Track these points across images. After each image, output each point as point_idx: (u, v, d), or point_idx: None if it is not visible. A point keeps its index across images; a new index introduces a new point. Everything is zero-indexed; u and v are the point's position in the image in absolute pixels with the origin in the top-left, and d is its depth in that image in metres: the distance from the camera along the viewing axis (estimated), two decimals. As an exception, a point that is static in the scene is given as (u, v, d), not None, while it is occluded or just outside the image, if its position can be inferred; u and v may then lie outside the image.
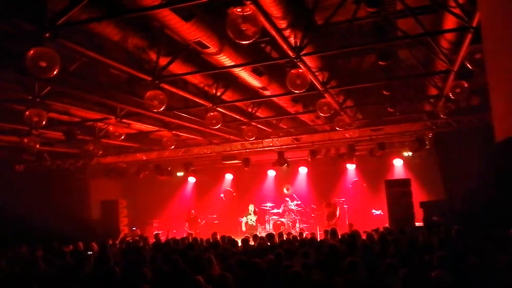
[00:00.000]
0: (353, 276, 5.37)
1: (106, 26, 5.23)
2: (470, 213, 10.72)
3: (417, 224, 11.88)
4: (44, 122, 7.65)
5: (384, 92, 9.10)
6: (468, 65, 6.03)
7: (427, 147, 13.38)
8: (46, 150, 12.76)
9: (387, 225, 11.96)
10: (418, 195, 12.87)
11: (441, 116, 9.86)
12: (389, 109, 10.63)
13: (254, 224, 16.00)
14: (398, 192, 12.38)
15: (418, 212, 12.28)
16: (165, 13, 4.90)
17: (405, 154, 15.28)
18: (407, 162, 15.90)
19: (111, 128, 10.39)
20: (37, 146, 9.65)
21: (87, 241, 11.53)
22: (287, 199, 17.27)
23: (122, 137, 10.57)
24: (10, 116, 8.79)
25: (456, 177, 12.13)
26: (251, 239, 10.77)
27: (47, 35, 4.58)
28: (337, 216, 15.80)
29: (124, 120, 9.80)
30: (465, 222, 9.29)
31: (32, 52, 4.57)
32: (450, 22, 5.78)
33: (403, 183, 12.63)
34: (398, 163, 16.56)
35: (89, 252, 9.72)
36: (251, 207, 16.54)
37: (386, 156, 15.04)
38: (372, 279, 6.05)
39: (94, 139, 11.44)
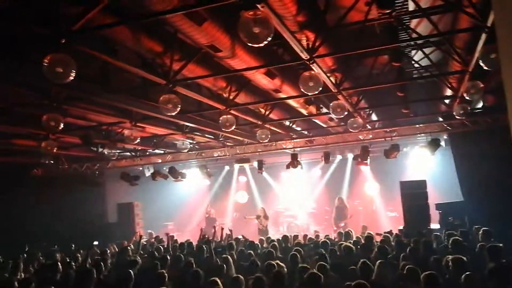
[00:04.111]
0: (368, 279, 5.35)
1: (120, 31, 5.30)
2: (486, 214, 10.58)
3: (433, 226, 11.76)
4: (60, 127, 7.77)
5: (398, 93, 9.04)
6: (483, 65, 5.95)
7: (442, 148, 13.23)
8: (63, 154, 12.95)
9: (401, 227, 11.86)
10: (434, 196, 12.72)
11: (456, 117, 9.74)
12: (403, 110, 10.56)
13: (264, 228, 15.93)
14: (413, 194, 12.25)
15: (434, 214, 12.16)
16: (178, 17, 4.94)
17: (420, 155, 15.10)
18: (423, 163, 15.74)
19: (126, 132, 10.50)
20: (54, 150, 9.80)
21: (104, 244, 11.71)
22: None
23: (137, 141, 10.67)
24: (27, 121, 8.95)
25: (472, 178, 11.97)
26: (264, 241, 10.79)
27: (63, 41, 4.66)
28: (348, 217, 15.66)
29: (139, 124, 9.91)
30: (482, 224, 9.19)
31: (48, 58, 4.65)
32: (464, 22, 5.72)
33: (419, 185, 12.49)
34: (413, 164, 16.42)
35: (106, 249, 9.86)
36: (261, 211, 16.45)
37: (401, 158, 14.91)
38: (387, 282, 6.03)
39: (110, 142, 11.58)
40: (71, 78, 4.83)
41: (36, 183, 13.80)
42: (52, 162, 13.28)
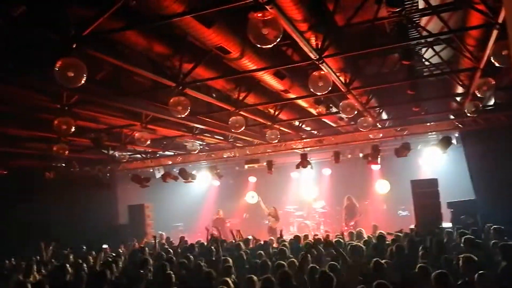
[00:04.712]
0: (381, 279, 5.32)
1: (130, 35, 5.34)
2: (499, 212, 10.48)
3: (445, 224, 11.66)
4: (72, 130, 7.83)
5: (409, 92, 8.99)
6: (495, 62, 5.89)
7: (454, 146, 13.12)
8: (74, 157, 13.07)
9: (413, 226, 11.77)
10: (446, 195, 12.62)
11: (468, 114, 9.65)
12: (414, 108, 10.49)
13: (273, 228, 15.90)
14: (425, 192, 12.15)
15: (446, 213, 12.06)
16: (187, 20, 4.96)
17: (432, 153, 14.99)
18: (434, 161, 15.62)
19: (137, 134, 10.57)
20: (66, 153, 9.89)
21: (117, 245, 11.79)
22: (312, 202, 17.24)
23: (148, 143, 10.73)
24: (39, 125, 9.05)
25: (484, 176, 11.86)
26: (274, 241, 10.78)
27: (74, 45, 4.70)
28: (357, 216, 15.59)
29: (149, 126, 9.96)
30: (494, 222, 9.10)
31: (60, 63, 4.69)
32: (474, 19, 5.67)
33: (430, 183, 12.39)
34: (424, 163, 16.29)
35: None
36: (271, 209, 16.47)
37: (412, 156, 14.80)
38: (401, 282, 5.99)
39: (120, 145, 11.66)
40: (82, 82, 4.87)
41: (48, 186, 13.93)
42: (64, 165, 13.40)
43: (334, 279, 5.39)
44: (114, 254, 10.35)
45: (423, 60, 8.64)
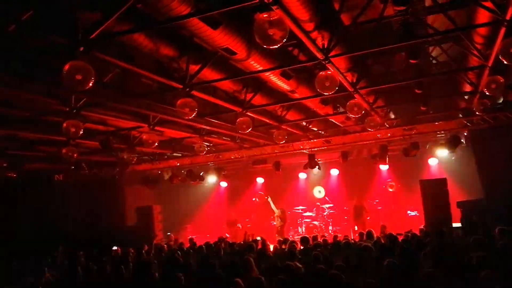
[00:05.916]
0: (390, 279, 5.30)
1: (137, 37, 5.37)
2: (509, 211, 10.37)
3: (454, 224, 11.57)
4: (81, 133, 7.89)
5: (416, 91, 8.94)
6: (503, 60, 5.84)
7: (463, 145, 13.02)
8: (83, 159, 13.15)
9: (422, 226, 11.69)
10: (455, 194, 12.51)
11: (477, 113, 9.57)
12: (421, 107, 10.43)
13: (279, 229, 15.84)
14: (434, 192, 12.05)
15: (455, 213, 11.96)
16: (194, 22, 4.98)
17: (440, 153, 14.88)
18: (443, 161, 15.51)
19: (145, 136, 10.61)
20: (75, 155, 9.95)
21: (125, 247, 11.81)
22: (318, 203, 17.18)
23: (156, 145, 10.78)
24: (48, 128, 9.12)
25: (494, 175, 11.74)
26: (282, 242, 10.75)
27: (81, 49, 4.73)
28: (364, 215, 15.51)
29: (157, 128, 10.00)
30: (504, 222, 9.00)
31: (67, 66, 4.73)
32: (482, 16, 5.63)
33: (439, 183, 12.28)
34: (433, 162, 16.18)
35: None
36: (277, 212, 16.42)
37: (421, 156, 14.69)
38: (410, 283, 5.95)
39: (129, 147, 11.72)
40: (90, 85, 4.90)
41: (57, 189, 14.04)
42: (73, 167, 13.49)
43: (343, 280, 5.37)
44: (124, 255, 10.37)
45: (431, 58, 8.58)
